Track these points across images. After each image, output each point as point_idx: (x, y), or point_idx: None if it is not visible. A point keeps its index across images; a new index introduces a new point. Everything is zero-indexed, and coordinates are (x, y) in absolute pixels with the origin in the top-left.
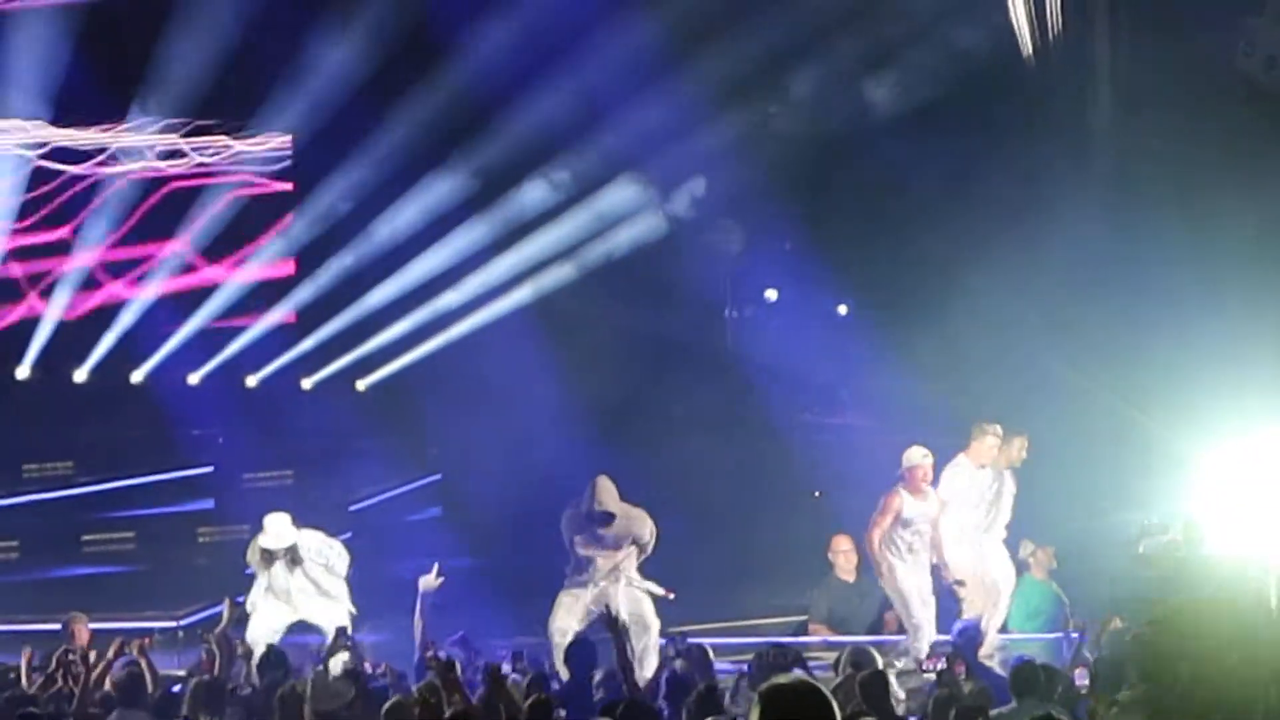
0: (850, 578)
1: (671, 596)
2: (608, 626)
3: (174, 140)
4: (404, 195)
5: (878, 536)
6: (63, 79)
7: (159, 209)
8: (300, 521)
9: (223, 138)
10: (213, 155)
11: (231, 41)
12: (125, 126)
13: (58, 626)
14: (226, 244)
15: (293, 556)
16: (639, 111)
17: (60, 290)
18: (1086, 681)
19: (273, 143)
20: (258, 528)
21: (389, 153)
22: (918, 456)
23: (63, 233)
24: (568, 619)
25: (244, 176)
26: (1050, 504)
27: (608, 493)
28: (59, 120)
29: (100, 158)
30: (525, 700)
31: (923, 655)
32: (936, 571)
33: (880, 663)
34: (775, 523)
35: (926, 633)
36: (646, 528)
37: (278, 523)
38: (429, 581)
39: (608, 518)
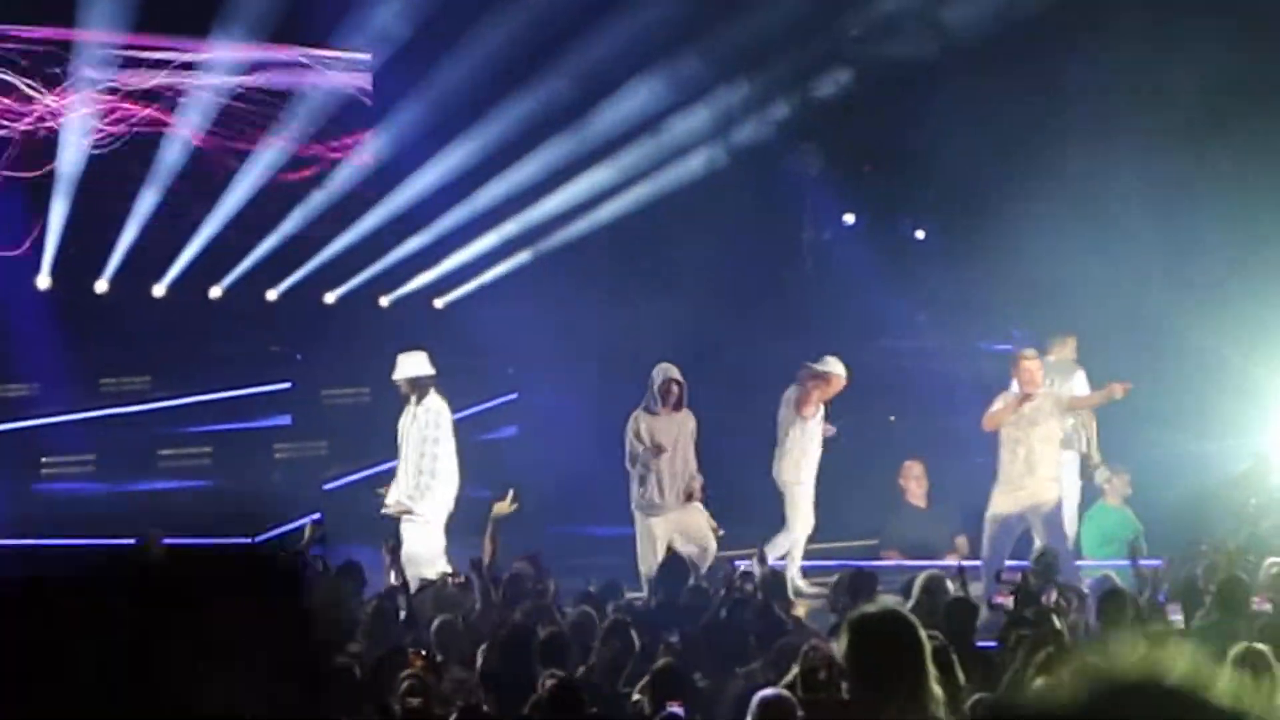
0: (922, 504)
1: (721, 533)
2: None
3: (254, 53)
4: (483, 114)
5: (809, 409)
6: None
7: (238, 122)
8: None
9: (302, 49)
10: (292, 69)
11: None
12: (208, 43)
13: (132, 542)
14: (304, 158)
15: (418, 398)
16: (720, 34)
17: (140, 202)
18: (1180, 616)
19: (353, 57)
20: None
21: (470, 71)
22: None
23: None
24: (657, 548)
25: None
26: (1127, 431)
27: (676, 369)
28: (140, 34)
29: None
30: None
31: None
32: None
33: (952, 589)
34: (848, 447)
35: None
36: (692, 424)
37: (406, 357)
38: (502, 507)
39: (680, 388)
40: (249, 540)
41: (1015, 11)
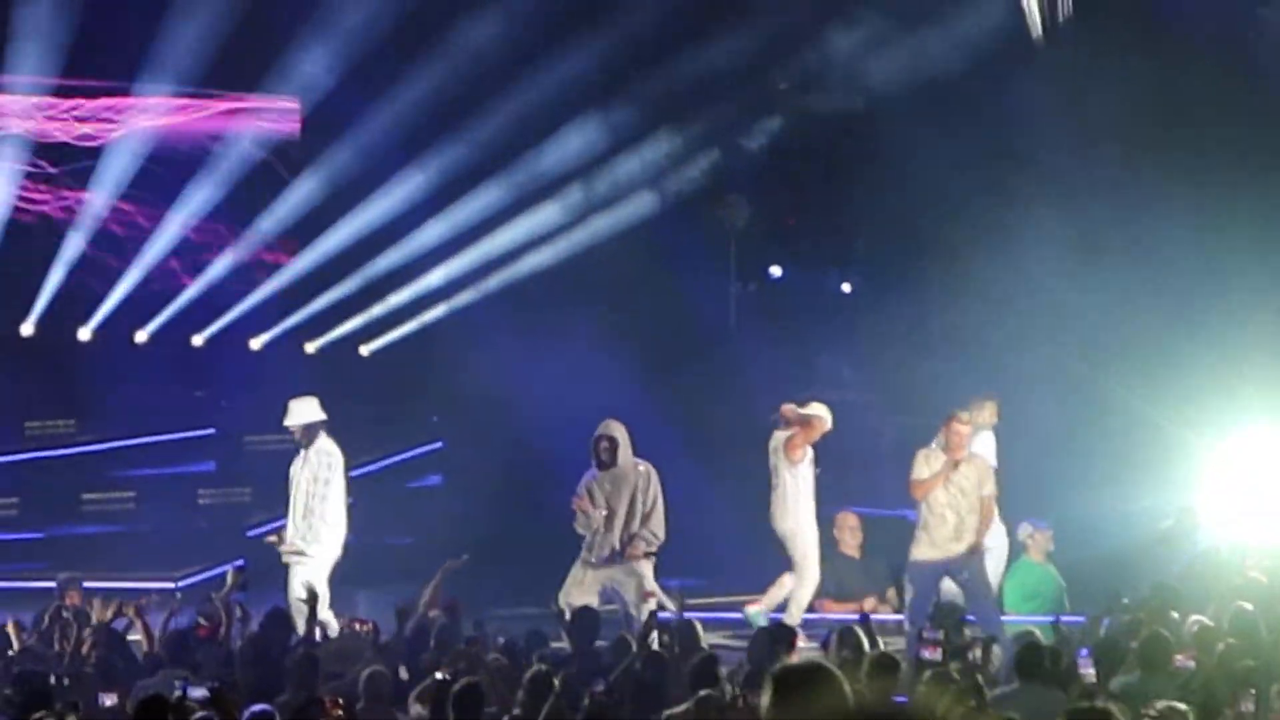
0: (855, 554)
1: (654, 602)
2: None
3: (181, 102)
4: (412, 160)
5: (798, 454)
6: (71, 43)
7: (165, 170)
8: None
9: (231, 98)
10: (221, 115)
11: (241, 4)
12: (134, 90)
13: (54, 584)
14: (232, 206)
15: (308, 439)
16: (649, 84)
17: (66, 248)
18: (1092, 670)
19: (280, 105)
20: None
21: (398, 118)
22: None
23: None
24: (580, 596)
25: (251, 140)
26: (1050, 488)
27: (617, 427)
28: (67, 85)
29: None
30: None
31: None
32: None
33: (867, 643)
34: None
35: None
36: (644, 476)
37: (300, 402)
38: (454, 563)
39: (611, 444)
40: (172, 585)
41: (941, 65)
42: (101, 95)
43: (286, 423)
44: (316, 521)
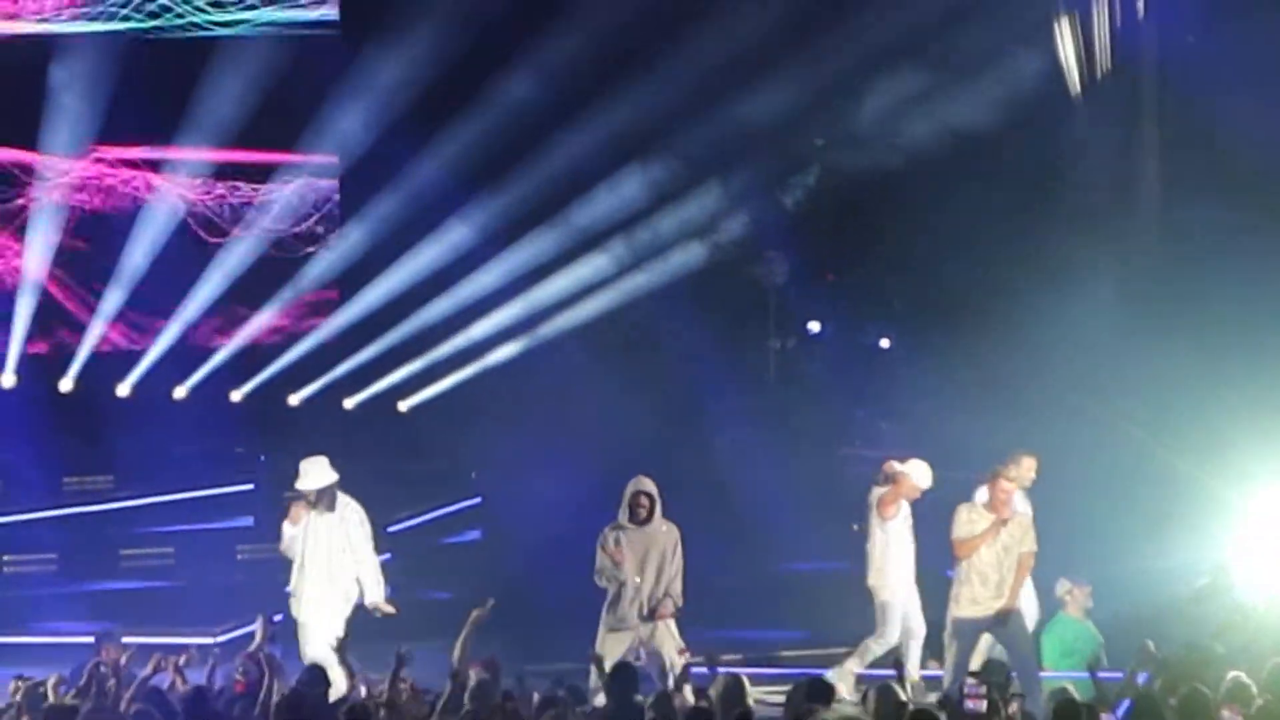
0: None
1: (686, 656)
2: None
3: (220, 158)
4: (450, 216)
5: (889, 510)
6: (108, 107)
7: (202, 226)
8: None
9: (269, 153)
10: (259, 172)
11: (278, 65)
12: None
13: (92, 640)
14: (270, 262)
15: (329, 503)
16: (687, 143)
17: (104, 306)
18: None
19: (319, 160)
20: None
21: (436, 174)
22: (911, 466)
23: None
24: (613, 655)
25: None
26: (1086, 543)
27: (651, 484)
28: (104, 145)
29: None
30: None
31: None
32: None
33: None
34: (815, 555)
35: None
36: (672, 538)
37: (314, 464)
38: (482, 614)
39: (650, 502)
40: (211, 641)
41: (979, 121)
42: (140, 155)
43: (302, 486)
44: (380, 574)
